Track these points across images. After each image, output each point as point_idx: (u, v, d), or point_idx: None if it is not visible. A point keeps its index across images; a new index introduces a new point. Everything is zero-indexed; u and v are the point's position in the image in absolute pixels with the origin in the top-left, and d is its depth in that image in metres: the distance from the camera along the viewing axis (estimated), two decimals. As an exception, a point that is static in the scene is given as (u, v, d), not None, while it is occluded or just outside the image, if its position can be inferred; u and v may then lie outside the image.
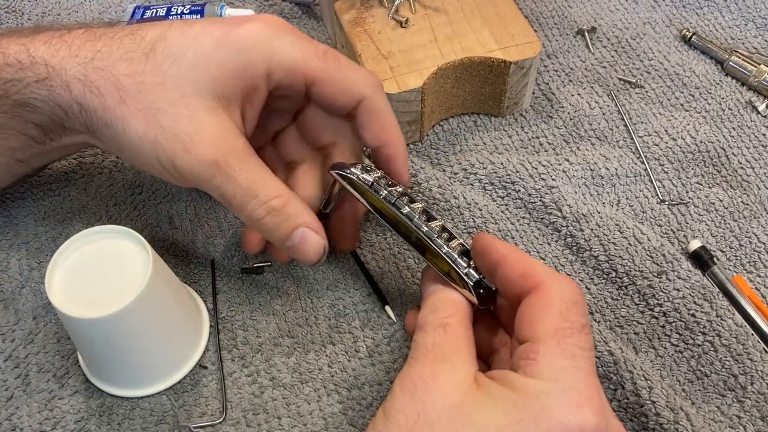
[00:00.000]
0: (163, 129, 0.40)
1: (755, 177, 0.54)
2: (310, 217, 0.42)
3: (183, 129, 0.40)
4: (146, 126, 0.40)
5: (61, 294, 0.40)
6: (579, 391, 0.33)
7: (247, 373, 0.46)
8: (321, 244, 0.42)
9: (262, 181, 0.41)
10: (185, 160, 0.40)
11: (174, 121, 0.40)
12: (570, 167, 0.54)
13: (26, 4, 0.69)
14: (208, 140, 0.40)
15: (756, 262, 0.50)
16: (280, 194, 0.41)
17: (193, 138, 0.40)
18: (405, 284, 0.49)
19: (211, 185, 0.41)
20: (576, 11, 0.66)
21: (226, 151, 0.41)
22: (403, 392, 0.34)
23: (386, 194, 0.41)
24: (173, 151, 0.40)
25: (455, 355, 0.36)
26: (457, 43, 0.55)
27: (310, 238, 0.42)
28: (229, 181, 0.40)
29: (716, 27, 0.64)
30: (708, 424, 0.43)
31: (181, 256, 0.51)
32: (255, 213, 0.41)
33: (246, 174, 0.41)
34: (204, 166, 0.40)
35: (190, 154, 0.40)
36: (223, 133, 0.41)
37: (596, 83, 0.60)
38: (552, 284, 0.36)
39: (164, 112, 0.40)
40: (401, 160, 0.45)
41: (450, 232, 0.41)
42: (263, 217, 0.41)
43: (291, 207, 0.42)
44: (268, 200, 0.41)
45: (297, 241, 0.42)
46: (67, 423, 0.44)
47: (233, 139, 0.41)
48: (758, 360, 0.44)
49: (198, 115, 0.41)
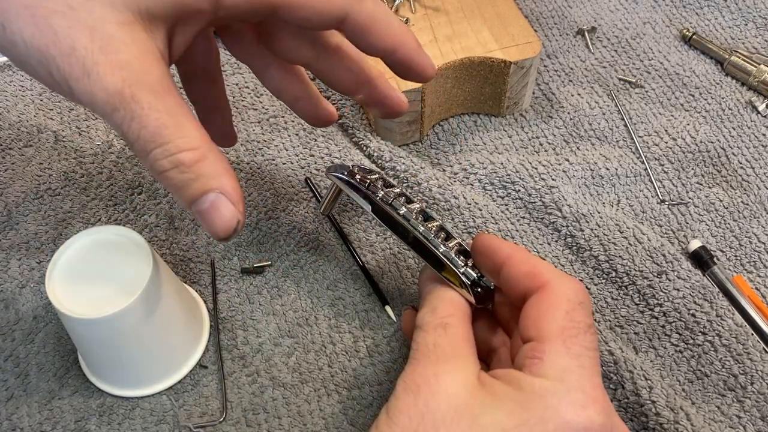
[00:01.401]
0: (56, 37, 0.31)
1: (755, 177, 0.54)
2: (229, 181, 0.33)
3: (83, 43, 0.31)
4: (34, 29, 0.31)
5: (61, 294, 0.40)
6: (584, 392, 0.33)
7: (247, 373, 0.46)
8: (234, 217, 0.34)
9: (176, 125, 0.32)
10: (83, 84, 0.31)
11: (72, 29, 0.31)
12: (570, 167, 0.54)
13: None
14: (116, 63, 0.31)
15: (756, 262, 0.50)
16: (195, 146, 0.33)
17: (96, 58, 0.31)
18: (405, 284, 0.49)
19: (112, 120, 0.32)
20: (576, 11, 0.66)
21: (136, 81, 0.32)
22: (406, 393, 0.34)
23: (383, 195, 0.42)
24: (69, 70, 0.31)
25: (457, 355, 0.36)
26: (457, 43, 0.55)
27: (223, 207, 0.33)
28: (134, 120, 0.32)
29: (716, 27, 0.64)
30: (708, 424, 0.43)
31: (181, 256, 0.51)
32: (158, 164, 0.32)
33: (157, 114, 0.32)
34: (107, 96, 0.31)
35: (90, 78, 0.31)
36: (137, 56, 0.32)
37: (596, 83, 0.60)
38: (558, 284, 0.36)
39: (61, 15, 0.31)
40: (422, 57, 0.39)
41: (448, 232, 0.41)
42: (168, 170, 0.32)
43: (206, 165, 0.33)
44: (178, 151, 0.32)
45: (206, 208, 0.33)
46: (67, 423, 0.44)
47: (149, 67, 0.32)
48: (758, 360, 0.44)
49: (105, 28, 0.32)
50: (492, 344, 0.41)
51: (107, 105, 0.32)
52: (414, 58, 0.39)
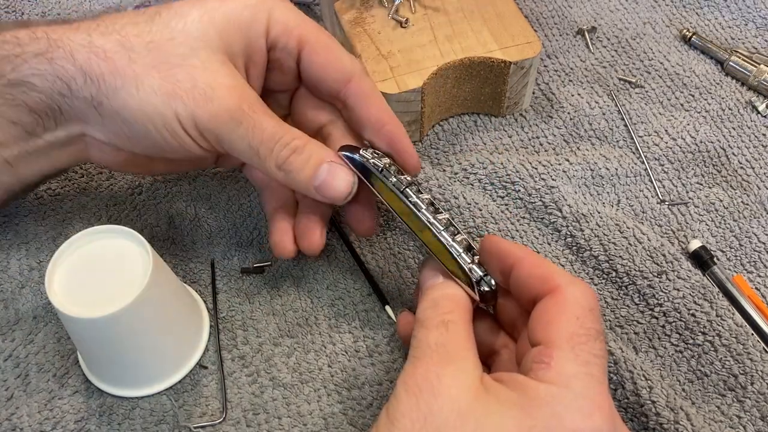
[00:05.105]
0: (179, 82, 0.40)
1: (755, 177, 0.54)
2: (333, 153, 0.42)
3: (201, 79, 0.40)
4: (161, 81, 0.40)
5: (61, 294, 0.40)
6: (591, 399, 0.32)
7: (247, 373, 0.46)
8: (350, 175, 0.42)
9: (283, 126, 0.41)
10: (208, 109, 0.40)
11: (190, 74, 0.40)
12: (570, 167, 0.54)
13: (26, 4, 0.69)
14: (230, 88, 0.40)
15: (756, 262, 0.50)
16: (300, 136, 0.42)
17: (213, 87, 0.40)
18: (405, 284, 0.49)
19: (236, 135, 0.40)
20: (576, 11, 0.66)
21: (247, 99, 0.41)
22: (408, 395, 0.33)
23: (395, 181, 0.41)
24: (194, 102, 0.40)
25: (460, 355, 0.35)
26: (457, 43, 0.55)
27: (338, 171, 0.41)
28: (255, 127, 0.40)
29: (716, 27, 0.64)
30: (708, 424, 0.43)
31: (181, 256, 0.51)
32: (281, 155, 0.41)
33: (269, 120, 0.41)
34: (230, 114, 0.40)
35: (213, 102, 0.40)
36: (240, 83, 0.41)
37: (596, 83, 0.60)
38: (570, 289, 0.35)
39: (179, 66, 0.40)
40: (406, 139, 0.44)
41: (456, 227, 0.40)
42: (289, 157, 0.41)
43: (313, 145, 0.42)
44: (292, 140, 0.41)
45: (325, 177, 0.41)
46: (67, 423, 0.44)
47: (248, 90, 0.42)
48: (758, 360, 0.44)
49: (213, 66, 0.41)
50: (494, 346, 0.41)
51: (232, 121, 0.40)
52: (402, 138, 0.44)
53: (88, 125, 0.43)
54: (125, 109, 0.40)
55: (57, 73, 0.40)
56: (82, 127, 0.43)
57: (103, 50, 0.40)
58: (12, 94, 0.41)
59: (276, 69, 0.45)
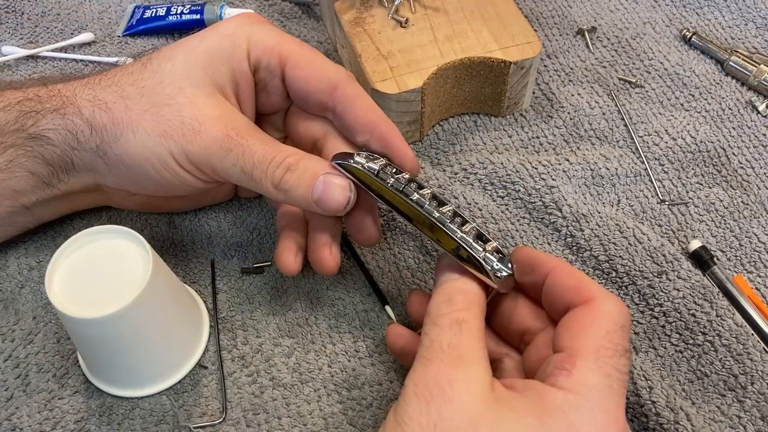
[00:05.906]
0: (169, 121, 0.41)
1: (755, 177, 0.54)
2: (328, 165, 0.42)
3: (188, 115, 0.42)
4: (153, 123, 0.42)
5: (61, 294, 0.40)
6: (608, 411, 0.32)
7: (247, 373, 0.46)
8: (346, 185, 0.42)
9: (274, 146, 0.42)
10: (197, 142, 0.41)
11: (178, 112, 0.42)
12: (570, 167, 0.54)
13: (26, 4, 0.69)
14: (216, 118, 0.42)
15: (756, 262, 0.50)
16: (293, 153, 0.42)
17: (200, 120, 0.41)
18: (405, 284, 0.49)
19: (228, 162, 0.41)
20: (576, 11, 0.66)
21: (233, 126, 0.42)
22: (418, 398, 0.33)
23: (394, 182, 0.41)
24: (183, 138, 0.41)
25: (472, 359, 0.34)
26: (457, 43, 0.55)
27: (333, 182, 0.41)
28: (245, 152, 0.41)
29: (716, 27, 0.64)
30: (708, 424, 0.43)
31: (181, 256, 0.51)
32: (275, 175, 0.41)
33: (259, 143, 0.41)
34: (219, 143, 0.41)
35: (200, 135, 0.41)
36: (227, 112, 0.43)
37: (596, 83, 0.60)
38: (605, 302, 0.35)
39: (168, 106, 0.42)
40: (400, 138, 0.44)
41: (462, 217, 0.40)
42: (283, 176, 0.41)
43: (307, 160, 0.42)
44: (284, 159, 0.41)
45: (321, 189, 0.41)
46: (67, 423, 0.44)
47: (238, 117, 0.43)
48: (758, 360, 0.44)
49: (199, 101, 0.42)
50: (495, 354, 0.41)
51: (221, 149, 0.41)
52: (395, 138, 0.43)
53: (98, 175, 0.45)
54: (125, 155, 0.43)
55: (68, 127, 0.43)
56: (94, 177, 0.45)
57: (104, 102, 0.43)
58: (31, 146, 0.44)
59: (263, 90, 0.46)
